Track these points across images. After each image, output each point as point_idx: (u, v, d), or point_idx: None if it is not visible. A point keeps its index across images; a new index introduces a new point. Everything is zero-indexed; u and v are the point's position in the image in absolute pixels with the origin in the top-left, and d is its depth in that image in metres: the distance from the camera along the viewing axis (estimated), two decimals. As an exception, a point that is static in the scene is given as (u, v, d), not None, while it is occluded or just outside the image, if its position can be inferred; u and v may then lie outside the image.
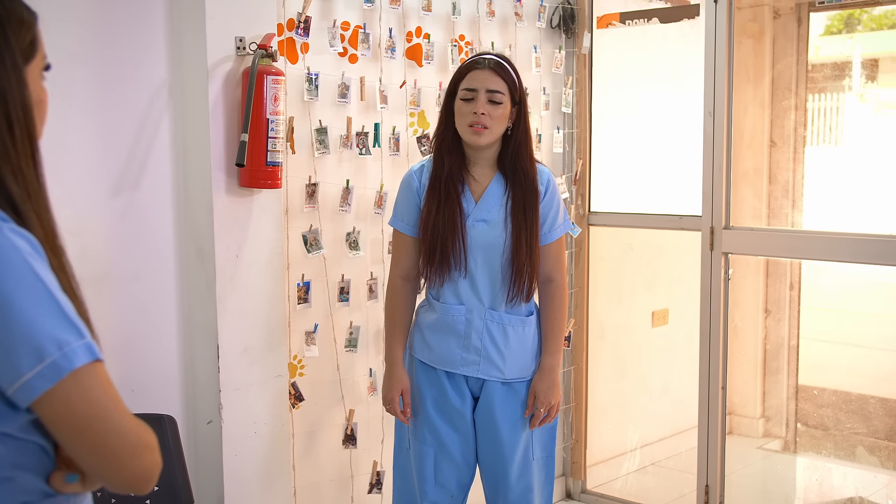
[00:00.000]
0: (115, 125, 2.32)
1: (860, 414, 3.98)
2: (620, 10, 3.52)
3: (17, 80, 1.07)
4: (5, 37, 1.07)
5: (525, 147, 2.31)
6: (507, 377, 2.31)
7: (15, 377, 0.98)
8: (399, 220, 2.35)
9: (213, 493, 2.45)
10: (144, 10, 2.36)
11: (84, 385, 1.00)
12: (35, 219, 1.06)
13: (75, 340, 1.00)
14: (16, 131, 1.06)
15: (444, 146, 2.30)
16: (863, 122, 4.18)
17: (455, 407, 2.32)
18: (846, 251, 2.93)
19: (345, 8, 2.80)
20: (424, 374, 2.34)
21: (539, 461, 2.37)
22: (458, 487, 2.36)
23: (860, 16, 4.21)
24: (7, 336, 0.97)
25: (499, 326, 2.30)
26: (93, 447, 1.01)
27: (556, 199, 2.34)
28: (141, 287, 2.37)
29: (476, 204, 2.30)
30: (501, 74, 2.26)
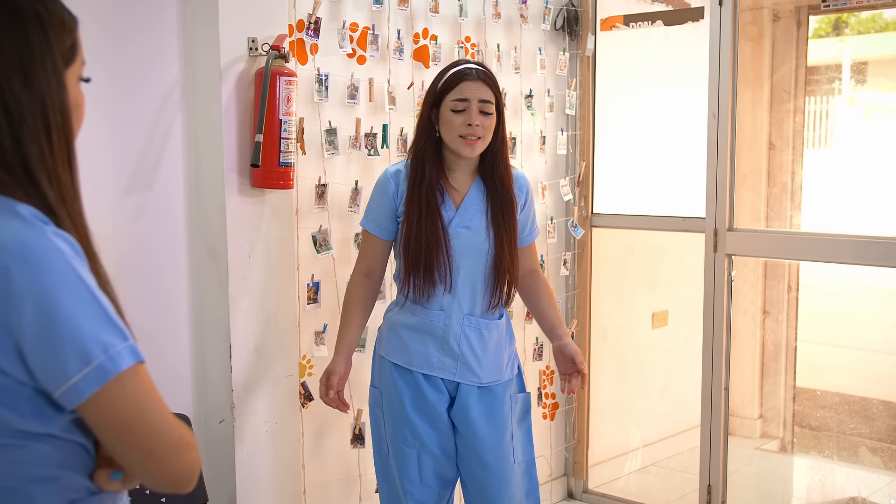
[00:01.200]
0: (128, 125, 2.33)
1: (861, 415, 4.02)
2: (624, 13, 3.55)
3: (56, 84, 1.07)
4: (46, 39, 1.07)
5: (502, 155, 2.32)
6: (483, 381, 2.32)
7: (62, 380, 0.99)
8: (371, 221, 2.34)
9: (225, 492, 2.46)
10: (157, 11, 2.37)
11: (128, 387, 1.01)
12: (69, 223, 1.07)
13: (120, 343, 1.01)
14: (53, 136, 1.06)
15: (426, 155, 2.28)
16: (854, 124, 4.23)
17: (433, 405, 2.31)
18: (849, 253, 2.96)
19: (354, 9, 2.82)
20: (400, 375, 2.32)
21: (521, 465, 2.37)
22: (442, 485, 2.36)
23: (847, 19, 4.25)
24: (54, 339, 0.98)
25: (475, 331, 2.31)
26: (136, 448, 1.03)
27: (532, 206, 2.43)
28: (154, 286, 2.38)
29: (457, 211, 2.30)
30: (490, 85, 2.27)
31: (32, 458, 1.03)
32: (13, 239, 0.99)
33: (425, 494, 2.33)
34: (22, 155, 1.04)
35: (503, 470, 2.32)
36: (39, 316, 0.98)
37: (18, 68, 1.04)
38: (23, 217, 1.01)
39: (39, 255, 0.99)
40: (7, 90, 1.03)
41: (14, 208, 1.02)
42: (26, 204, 1.04)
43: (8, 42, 1.04)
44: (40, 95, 1.05)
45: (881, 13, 4.16)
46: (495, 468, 2.31)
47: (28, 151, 1.04)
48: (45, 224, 1.03)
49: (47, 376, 1.00)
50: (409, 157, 2.33)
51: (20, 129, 1.04)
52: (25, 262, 0.98)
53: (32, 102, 1.05)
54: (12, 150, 1.04)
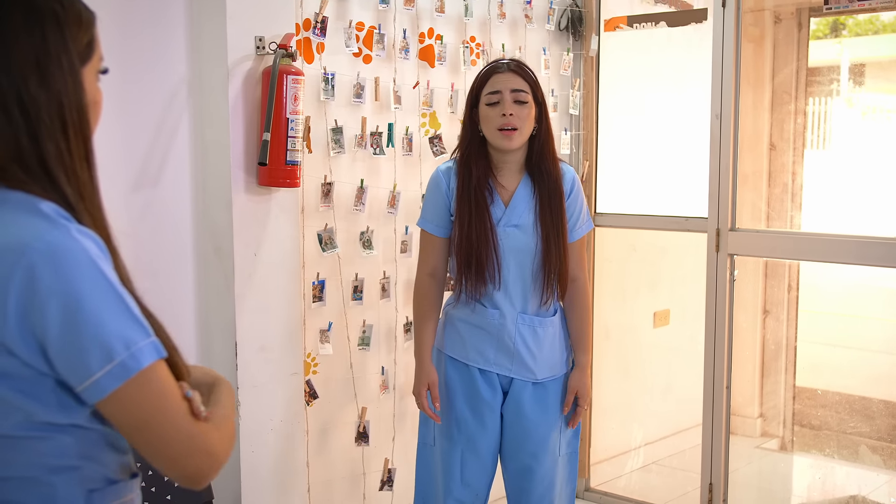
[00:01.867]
0: (136, 122, 2.34)
1: (861, 414, 4.03)
2: (628, 14, 3.56)
3: (73, 83, 1.08)
4: (62, 37, 1.07)
5: (548, 147, 2.32)
6: (538, 378, 2.34)
7: (85, 376, 1.01)
8: (427, 221, 2.37)
9: (230, 490, 2.47)
10: (165, 9, 2.38)
11: (146, 386, 1.03)
12: (89, 220, 1.08)
13: (142, 339, 1.03)
14: (70, 134, 1.07)
15: (471, 155, 2.30)
16: (852, 126, 4.24)
17: (486, 400, 2.33)
18: (849, 253, 2.97)
19: (360, 8, 2.82)
20: (455, 369, 2.35)
21: (564, 457, 2.40)
22: (482, 486, 2.38)
23: (845, 21, 4.26)
24: (78, 336, 1.00)
25: (530, 329, 2.32)
26: (148, 444, 1.05)
27: (580, 198, 2.37)
28: (160, 284, 2.39)
29: (506, 209, 2.30)
30: (522, 75, 2.28)
31: (54, 448, 1.05)
32: (38, 237, 1.00)
33: (464, 494, 2.35)
34: (40, 153, 1.05)
35: (547, 463, 2.35)
36: (64, 314, 0.99)
37: (35, 67, 1.05)
38: (46, 215, 1.02)
39: (64, 254, 1.00)
40: (24, 89, 1.04)
41: (37, 206, 1.03)
42: (48, 201, 1.04)
43: (24, 41, 1.04)
44: (56, 94, 1.06)
45: (878, 15, 4.18)
46: (541, 461, 2.34)
47: (46, 150, 1.05)
48: (68, 221, 1.04)
49: (70, 372, 1.01)
50: (456, 160, 2.34)
51: (37, 127, 1.05)
52: (51, 261, 0.99)
53: (49, 101, 1.05)
54: (30, 148, 1.05)
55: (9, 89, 1.03)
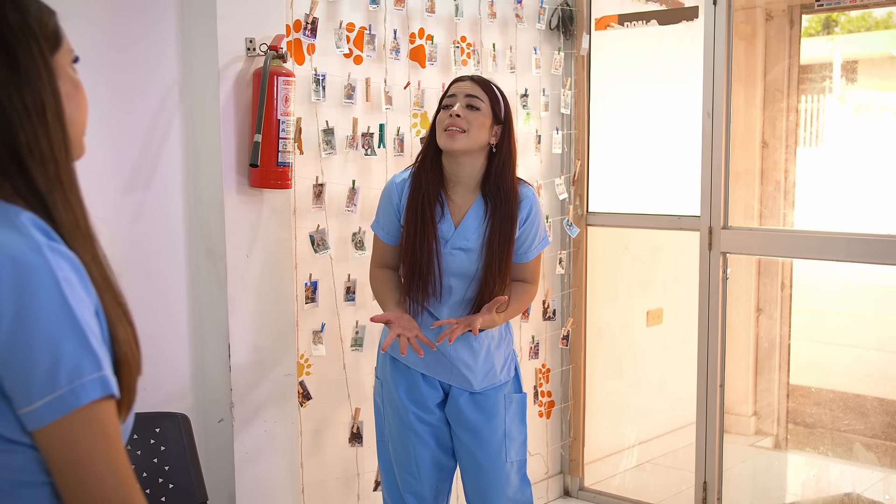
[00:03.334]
0: (127, 125, 2.33)
1: (855, 412, 4.04)
2: (618, 13, 3.57)
3: (45, 67, 1.05)
4: (25, 20, 1.04)
5: (508, 168, 2.28)
6: (475, 388, 2.35)
7: (26, 402, 0.97)
8: (380, 227, 2.38)
9: (224, 491, 2.46)
10: (156, 11, 2.37)
11: (84, 425, 0.98)
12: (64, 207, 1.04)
13: (89, 373, 0.98)
14: (49, 118, 1.04)
15: (425, 166, 2.29)
16: (845, 123, 4.25)
17: (426, 398, 2.35)
18: (842, 251, 2.98)
19: (350, 9, 2.82)
20: (397, 370, 2.37)
21: (514, 464, 2.39)
22: (440, 477, 2.39)
23: (837, 18, 4.27)
24: (25, 359, 0.96)
25: (465, 343, 2.32)
26: (74, 485, 1.00)
27: (537, 220, 2.32)
28: (152, 286, 2.38)
29: (455, 230, 2.28)
30: (482, 85, 2.28)
31: (22, 462, 1.01)
32: (5, 252, 0.96)
33: (421, 487, 2.36)
34: (11, 142, 1.02)
35: (495, 468, 2.35)
36: (14, 334, 0.95)
37: (3, 54, 1.01)
38: (20, 228, 0.99)
39: (27, 271, 0.96)
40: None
41: (14, 219, 1.00)
42: (28, 211, 1.01)
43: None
44: (27, 78, 1.02)
45: (870, 12, 4.19)
46: (487, 466, 2.34)
47: (18, 138, 1.02)
48: (45, 236, 1.00)
49: (13, 394, 0.98)
50: (414, 167, 2.34)
51: (9, 115, 1.01)
52: (12, 276, 0.95)
53: (20, 86, 1.02)
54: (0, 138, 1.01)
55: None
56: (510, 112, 2.32)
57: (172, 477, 2.17)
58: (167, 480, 2.16)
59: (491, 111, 2.26)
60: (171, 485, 2.16)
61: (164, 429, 2.20)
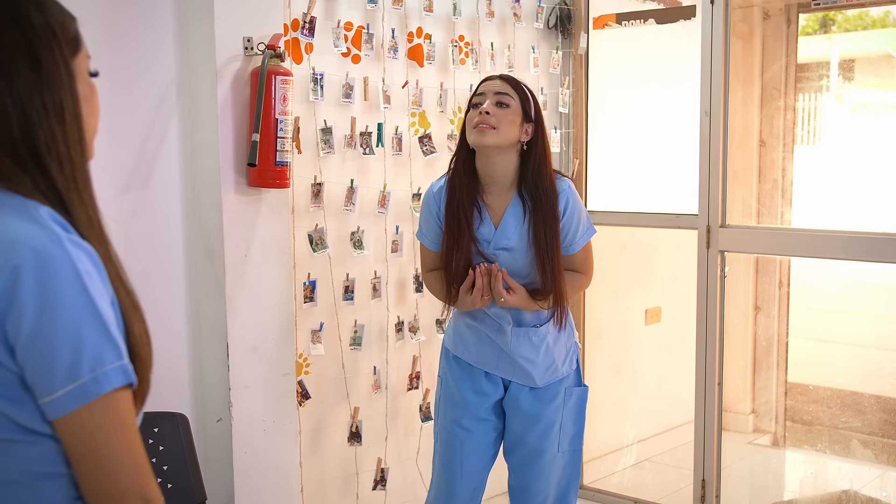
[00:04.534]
0: (126, 124, 2.33)
1: (853, 409, 4.05)
2: (616, 11, 3.57)
3: (66, 69, 1.08)
4: (48, 23, 1.07)
5: (544, 167, 2.27)
6: (538, 384, 2.36)
7: (48, 391, 0.99)
8: (424, 235, 2.40)
9: (223, 490, 2.46)
10: (153, 10, 2.37)
11: (104, 413, 1.00)
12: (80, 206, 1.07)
13: (110, 362, 1.01)
14: (67, 118, 1.06)
15: (458, 172, 2.29)
16: (842, 121, 4.26)
17: (488, 394, 2.37)
18: (839, 249, 2.99)
19: (348, 8, 2.82)
20: (460, 367, 2.39)
21: (565, 454, 2.41)
22: (481, 479, 2.42)
23: (835, 16, 4.27)
24: (48, 349, 0.98)
25: (526, 340, 2.33)
26: (93, 472, 1.02)
27: (577, 212, 2.31)
28: (151, 285, 2.38)
29: (496, 231, 2.28)
30: (511, 84, 2.28)
31: (42, 454, 1.04)
32: (29, 242, 0.99)
33: (462, 487, 2.38)
34: (31, 140, 1.04)
35: (546, 458, 2.37)
36: (37, 324, 0.98)
37: (26, 52, 1.04)
38: (41, 221, 1.02)
39: (50, 263, 0.99)
40: (15, 77, 1.03)
41: (33, 213, 1.03)
42: (45, 206, 1.04)
43: (13, 29, 1.04)
44: (48, 78, 1.05)
45: (867, 10, 4.19)
46: (539, 457, 2.36)
47: (37, 137, 1.04)
48: (63, 230, 1.03)
49: (35, 384, 1.00)
50: (448, 173, 2.34)
51: (29, 113, 1.04)
52: (36, 268, 0.98)
53: (41, 86, 1.05)
54: (20, 135, 1.04)
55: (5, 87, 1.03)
56: (540, 110, 2.32)
57: (171, 476, 2.17)
58: (166, 480, 2.16)
59: (521, 108, 2.26)
60: (170, 484, 2.16)
61: (163, 428, 2.20)
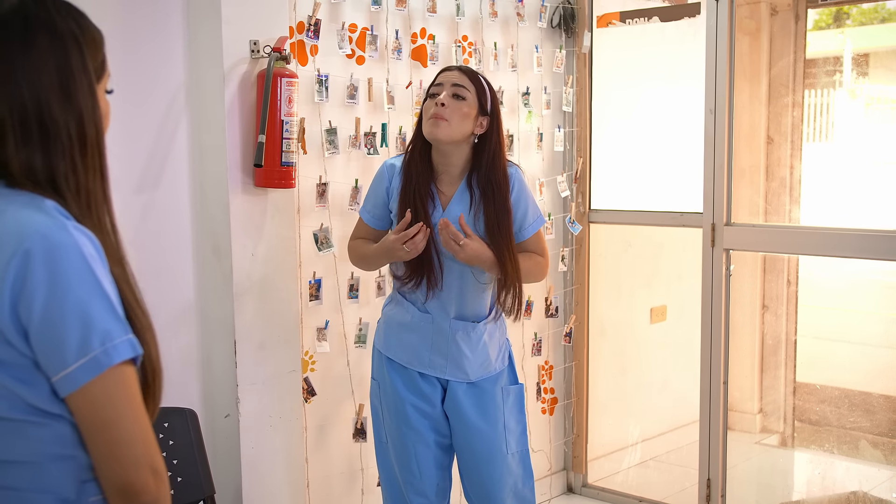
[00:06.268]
0: (136, 127, 2.37)
1: (861, 409, 4.04)
2: (620, 10, 3.58)
3: (91, 101, 1.14)
4: (82, 58, 1.14)
5: (498, 159, 2.29)
6: (471, 379, 2.38)
7: (61, 367, 1.05)
8: (366, 210, 2.42)
9: (231, 485, 2.50)
10: (162, 16, 2.41)
11: (115, 385, 1.06)
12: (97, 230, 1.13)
13: (118, 336, 1.07)
14: (88, 150, 1.14)
15: (415, 156, 2.33)
16: (855, 117, 4.24)
17: (427, 396, 2.38)
18: (848, 246, 2.98)
19: (352, 10, 2.86)
20: (395, 370, 2.39)
21: (515, 455, 2.41)
22: (440, 473, 2.42)
23: (849, 10, 4.26)
24: (59, 327, 1.04)
25: (464, 334, 2.35)
26: (106, 444, 1.07)
27: (524, 196, 2.33)
28: (161, 283, 2.42)
29: (443, 213, 2.31)
30: (469, 76, 2.30)
31: (53, 435, 1.09)
32: (37, 229, 1.06)
33: (424, 484, 2.39)
34: (49, 170, 1.11)
35: (496, 460, 2.37)
36: (48, 305, 1.04)
37: (58, 89, 1.11)
38: (47, 211, 1.08)
39: (58, 247, 1.05)
40: (46, 110, 1.10)
41: (40, 204, 1.09)
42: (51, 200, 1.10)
43: (50, 63, 1.10)
44: (77, 113, 1.12)
45: (883, 4, 4.17)
46: (488, 459, 2.37)
47: (56, 168, 1.11)
48: (67, 219, 1.09)
49: (48, 362, 1.06)
50: (405, 157, 2.37)
51: (53, 146, 1.10)
52: (45, 252, 1.05)
53: (69, 121, 1.11)
54: (41, 164, 1.11)
55: (32, 109, 1.09)
56: (497, 103, 2.34)
57: (180, 470, 2.21)
58: (175, 474, 2.20)
59: (477, 101, 2.28)
60: (180, 478, 2.20)
61: (173, 423, 2.24)
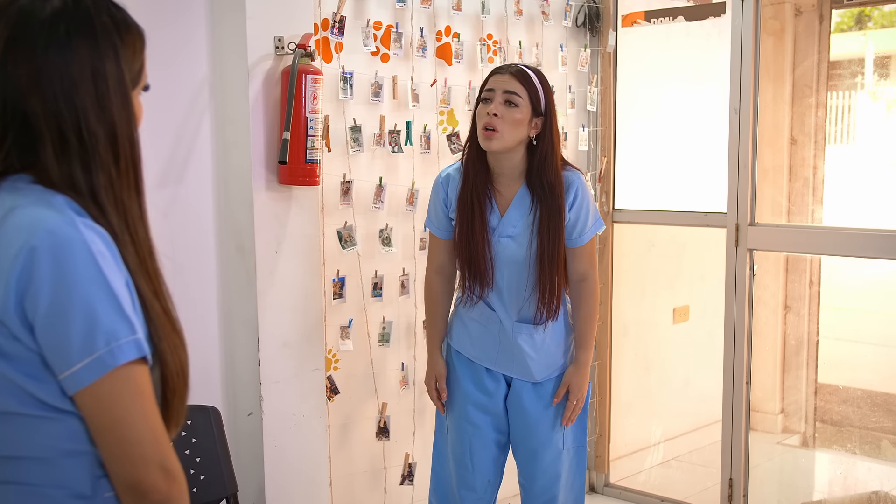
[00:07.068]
0: (160, 122, 2.37)
1: (883, 409, 4.00)
2: (645, 9, 3.56)
3: (126, 115, 1.13)
4: (120, 70, 1.12)
5: (551, 160, 2.28)
6: (537, 379, 2.38)
7: (66, 366, 1.04)
8: (431, 223, 2.43)
9: (254, 483, 2.50)
10: (186, 11, 2.41)
11: (122, 385, 1.05)
12: (132, 247, 1.12)
13: (124, 336, 1.05)
14: (121, 164, 1.12)
15: (471, 160, 2.33)
16: (877, 119, 4.20)
17: (491, 392, 2.39)
18: (871, 247, 2.96)
19: (377, 7, 2.85)
20: (462, 363, 2.42)
21: (570, 451, 2.42)
22: (491, 473, 2.43)
23: (871, 13, 4.22)
24: (64, 325, 1.03)
25: (528, 336, 2.35)
26: (115, 443, 1.06)
27: (584, 205, 2.32)
28: (184, 281, 2.43)
29: (502, 219, 2.31)
30: (521, 80, 2.26)
31: (66, 431, 1.08)
32: (44, 224, 1.04)
33: (475, 479, 2.40)
34: (91, 184, 1.10)
35: (550, 455, 2.38)
36: (54, 302, 1.02)
37: (95, 101, 1.10)
38: (56, 206, 1.07)
39: (65, 243, 1.04)
40: (83, 121, 1.09)
41: (50, 199, 1.08)
42: (61, 195, 1.09)
43: (88, 76, 1.10)
44: (112, 126, 1.11)
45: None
46: (543, 454, 2.38)
47: (97, 181, 1.10)
48: (77, 214, 1.07)
49: (54, 360, 1.05)
50: (462, 160, 2.37)
51: (92, 159, 1.10)
52: (51, 248, 1.03)
53: (105, 134, 1.10)
54: (83, 178, 1.10)
55: (70, 120, 1.08)
56: (552, 102, 2.30)
57: (203, 468, 2.21)
58: (198, 472, 2.20)
59: (530, 105, 2.25)
60: (203, 476, 2.20)
61: (196, 421, 2.24)
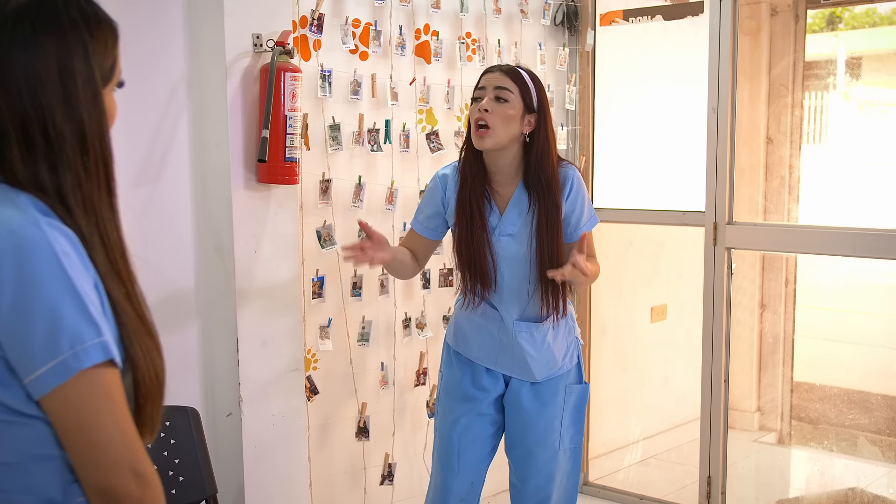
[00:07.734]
0: (136, 120, 2.34)
1: (860, 406, 4.05)
2: (623, 8, 3.57)
3: (96, 113, 1.10)
4: (89, 67, 1.09)
5: (547, 157, 2.27)
6: (537, 379, 2.37)
7: (31, 369, 1.01)
8: (419, 223, 2.41)
9: (233, 484, 2.48)
10: (163, 7, 2.39)
11: (87, 389, 1.01)
12: (101, 247, 1.09)
13: (90, 339, 1.02)
14: (90, 164, 1.09)
15: (468, 160, 2.32)
16: (849, 119, 4.25)
17: (486, 388, 2.39)
18: (847, 246, 2.99)
19: (356, 5, 2.83)
20: (459, 361, 2.42)
21: (567, 451, 2.42)
22: (475, 473, 2.42)
23: (842, 14, 4.27)
24: (28, 328, 1.00)
25: (527, 334, 2.34)
26: (84, 447, 1.03)
27: (580, 197, 2.32)
28: (161, 280, 2.40)
29: (501, 217, 2.31)
30: (511, 76, 2.27)
31: (33, 435, 1.05)
32: (5, 227, 1.01)
33: (457, 481, 2.40)
34: (57, 183, 1.07)
35: (546, 455, 2.38)
36: (16, 304, 0.99)
37: (62, 100, 1.07)
38: (19, 206, 1.04)
39: (27, 244, 1.00)
40: (50, 121, 1.06)
41: (14, 198, 1.05)
42: (26, 193, 1.06)
43: (54, 74, 1.06)
44: (80, 125, 1.08)
45: (875, 8, 4.19)
46: (539, 453, 2.38)
47: (64, 181, 1.07)
48: (42, 214, 1.04)
49: (18, 363, 1.02)
50: (460, 160, 2.36)
51: (59, 158, 1.06)
52: (13, 250, 1.00)
53: (72, 133, 1.07)
54: (48, 177, 1.07)
55: (35, 118, 1.05)
56: (545, 99, 2.30)
57: (182, 470, 2.19)
58: (177, 473, 2.17)
59: (521, 101, 2.25)
60: (182, 477, 2.17)
61: (174, 422, 2.21)
